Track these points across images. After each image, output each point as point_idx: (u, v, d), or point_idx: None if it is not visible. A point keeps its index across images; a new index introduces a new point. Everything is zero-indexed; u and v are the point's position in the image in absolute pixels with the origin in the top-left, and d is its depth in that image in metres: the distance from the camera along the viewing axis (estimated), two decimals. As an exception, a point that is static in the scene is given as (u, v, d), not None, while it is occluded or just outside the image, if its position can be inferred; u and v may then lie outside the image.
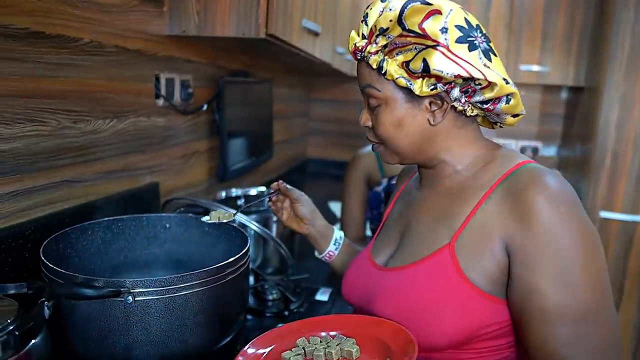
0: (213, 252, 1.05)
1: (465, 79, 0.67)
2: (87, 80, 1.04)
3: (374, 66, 0.72)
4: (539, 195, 0.64)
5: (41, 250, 0.80)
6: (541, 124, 2.91)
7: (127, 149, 1.20)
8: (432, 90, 0.69)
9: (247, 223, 1.10)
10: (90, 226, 0.98)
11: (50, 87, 0.95)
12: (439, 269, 0.70)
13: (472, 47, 0.68)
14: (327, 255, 1.03)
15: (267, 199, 1.03)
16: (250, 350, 0.71)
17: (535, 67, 2.55)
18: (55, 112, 0.97)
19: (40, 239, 0.88)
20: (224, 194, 1.55)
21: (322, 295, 1.26)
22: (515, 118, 0.75)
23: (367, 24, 0.73)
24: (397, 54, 0.70)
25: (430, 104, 0.72)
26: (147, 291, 0.72)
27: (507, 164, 0.72)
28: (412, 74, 0.69)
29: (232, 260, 0.82)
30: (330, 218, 2.13)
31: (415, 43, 0.68)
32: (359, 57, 0.75)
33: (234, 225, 1.04)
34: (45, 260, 0.76)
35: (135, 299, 0.72)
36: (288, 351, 0.70)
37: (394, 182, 1.40)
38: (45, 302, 0.68)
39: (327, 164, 3.25)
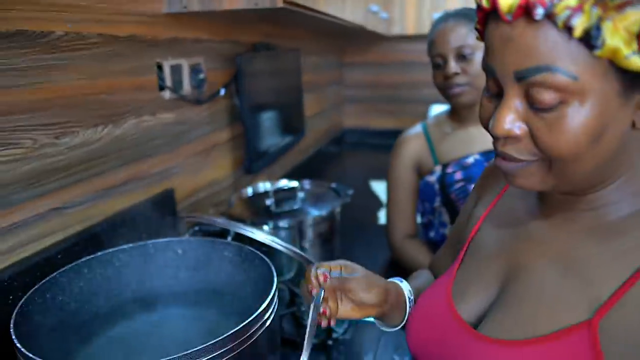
0: (235, 279, 0.87)
1: None
2: (67, 83, 0.85)
3: (578, 32, 0.40)
4: None
5: (14, 316, 0.64)
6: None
7: (129, 157, 1.02)
8: None
9: (272, 244, 0.90)
10: (85, 264, 0.81)
11: (17, 99, 0.76)
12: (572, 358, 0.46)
13: None
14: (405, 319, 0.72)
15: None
16: None
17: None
18: (29, 130, 0.78)
19: (27, 287, 0.71)
20: (250, 190, 1.37)
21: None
22: None
23: None
24: (625, 9, 0.39)
25: None
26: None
27: None
28: None
29: (247, 324, 0.62)
30: (374, 201, 1.92)
31: None
32: (539, 16, 0.41)
33: (257, 249, 0.84)
34: (15, 339, 0.59)
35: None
36: None
37: (450, 170, 1.17)
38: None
39: (366, 133, 3.02)
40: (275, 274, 0.75)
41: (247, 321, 0.62)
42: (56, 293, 0.75)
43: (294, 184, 1.37)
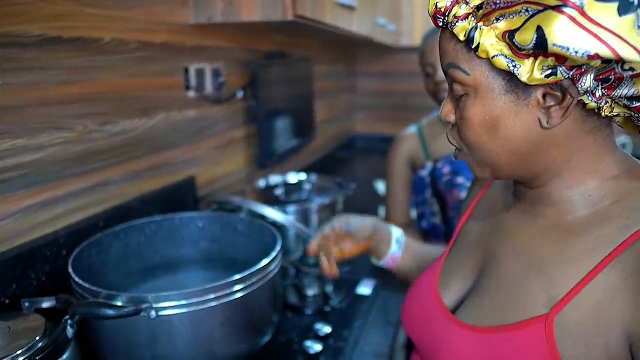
0: (248, 250, 1.03)
1: (606, 61, 0.43)
2: (112, 80, 1.02)
3: (461, 37, 0.49)
4: None
5: (71, 260, 0.80)
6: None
7: (159, 145, 1.19)
8: (548, 76, 0.46)
9: (280, 220, 1.06)
10: (123, 230, 0.97)
11: (73, 92, 0.93)
12: (529, 349, 0.50)
13: (625, 9, 0.41)
14: (390, 259, 0.87)
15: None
16: None
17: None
18: (81, 117, 0.95)
19: (74, 246, 0.88)
20: (263, 182, 1.52)
21: (365, 288, 1.21)
22: None
23: None
24: (497, 20, 0.46)
25: (544, 96, 0.48)
26: (170, 305, 0.70)
27: None
28: (518, 50, 0.46)
29: (258, 269, 0.78)
30: (375, 198, 2.06)
31: (527, 2, 0.44)
32: (440, 23, 0.52)
33: (268, 222, 1.00)
34: (72, 273, 0.75)
35: (159, 313, 0.70)
36: None
37: (439, 165, 1.31)
38: (69, 320, 0.67)
39: (376, 139, 3.16)
40: (279, 236, 0.90)
41: (258, 266, 0.78)
42: (99, 251, 0.92)
43: (302, 176, 1.52)
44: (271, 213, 1.05)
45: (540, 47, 0.43)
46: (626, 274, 0.46)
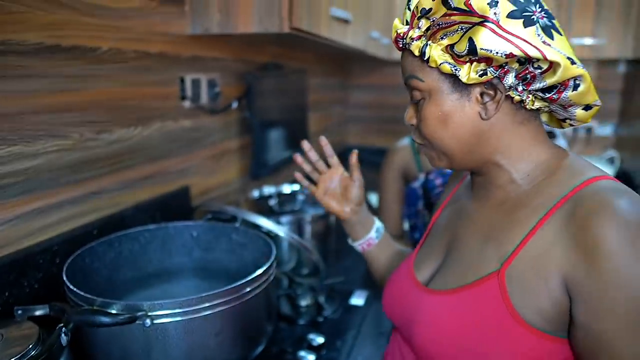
0: (242, 259, 1.03)
1: (521, 62, 0.58)
2: (109, 89, 1.03)
3: (416, 53, 0.63)
4: (609, 226, 0.52)
5: (65, 267, 0.80)
6: (596, 100, 2.69)
7: (154, 155, 1.19)
8: (481, 76, 0.59)
9: (275, 230, 1.06)
10: (117, 239, 0.97)
11: (70, 100, 0.93)
12: (486, 301, 0.61)
13: (528, 23, 0.57)
14: (366, 242, 0.95)
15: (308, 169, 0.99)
16: None
17: (588, 40, 2.35)
18: (77, 125, 0.95)
19: (68, 254, 0.87)
20: (257, 193, 1.53)
21: (358, 299, 1.21)
22: (589, 111, 0.61)
23: (409, 9, 0.64)
24: (441, 38, 0.61)
25: (481, 94, 0.62)
26: (165, 314, 0.70)
27: (574, 180, 0.60)
28: (458, 58, 0.60)
29: (253, 278, 0.78)
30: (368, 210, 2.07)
31: (461, 22, 0.58)
32: (401, 46, 0.66)
33: (263, 232, 1.00)
34: (66, 281, 0.75)
35: (154, 322, 0.69)
36: None
37: (432, 177, 1.33)
38: (63, 328, 0.67)
39: (368, 151, 3.15)
40: (274, 246, 0.90)
41: (254, 275, 0.78)
42: (93, 259, 0.92)
43: (296, 187, 1.53)
44: (265, 223, 1.06)
45: (473, 52, 0.57)
46: (558, 228, 0.57)
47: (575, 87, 0.58)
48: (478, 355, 0.61)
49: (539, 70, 0.57)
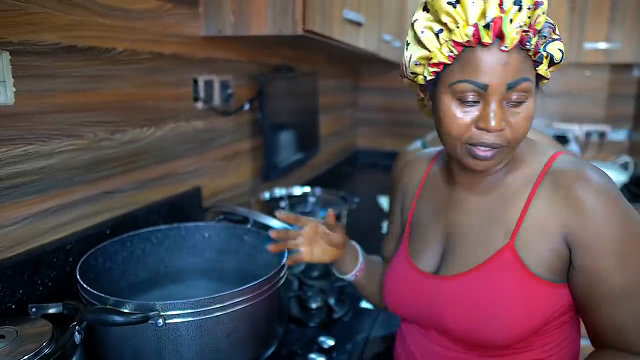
0: (253, 260, 1.03)
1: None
2: (123, 89, 1.04)
3: (535, 56, 0.65)
4: (589, 190, 0.66)
5: (78, 266, 0.80)
6: (609, 106, 2.67)
7: (166, 155, 1.20)
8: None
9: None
10: (129, 238, 0.97)
11: (85, 100, 0.94)
12: (505, 270, 0.69)
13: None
14: (358, 270, 0.95)
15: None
16: None
17: (602, 45, 2.33)
18: (92, 125, 0.96)
19: (81, 253, 0.88)
20: (267, 194, 1.53)
21: (368, 302, 1.20)
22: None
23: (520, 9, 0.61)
24: (550, 41, 0.66)
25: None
26: (177, 314, 0.70)
27: (542, 157, 0.72)
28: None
29: (265, 279, 0.78)
30: (379, 213, 2.06)
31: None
32: (507, 47, 0.62)
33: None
34: (79, 279, 0.76)
35: (166, 321, 0.69)
36: None
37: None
38: (77, 327, 0.67)
39: (378, 154, 3.17)
40: (286, 250, 0.90)
41: (266, 277, 0.78)
42: (105, 259, 0.92)
43: (307, 189, 1.53)
44: (277, 224, 1.05)
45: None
46: (548, 198, 0.68)
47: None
48: (505, 315, 0.68)
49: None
